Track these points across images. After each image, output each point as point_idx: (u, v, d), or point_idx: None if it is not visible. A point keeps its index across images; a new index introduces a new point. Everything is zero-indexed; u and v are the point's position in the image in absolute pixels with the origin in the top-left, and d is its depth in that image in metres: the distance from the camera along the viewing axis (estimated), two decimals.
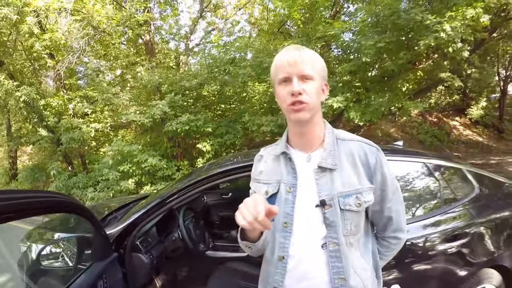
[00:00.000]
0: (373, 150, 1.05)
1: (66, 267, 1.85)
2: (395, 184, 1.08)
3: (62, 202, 1.19)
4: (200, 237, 2.55)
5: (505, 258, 2.03)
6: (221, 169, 2.03)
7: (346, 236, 1.01)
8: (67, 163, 7.91)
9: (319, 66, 1.02)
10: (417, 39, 4.63)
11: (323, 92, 1.06)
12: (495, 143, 12.07)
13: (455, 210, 1.98)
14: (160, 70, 7.10)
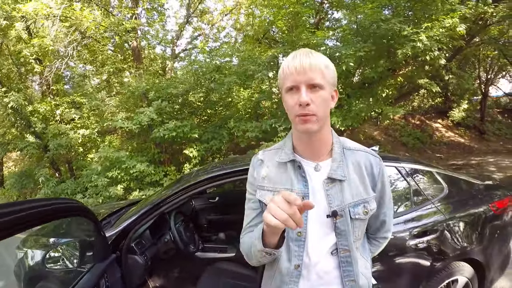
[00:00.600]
0: (377, 160, 1.10)
1: (70, 269, 1.95)
2: (390, 191, 1.15)
3: (74, 207, 1.29)
4: (190, 238, 2.71)
5: (476, 253, 2.19)
6: (208, 175, 2.16)
7: (355, 242, 1.07)
8: (55, 169, 7.87)
9: (329, 73, 0.97)
10: (396, 48, 4.86)
11: (332, 99, 1.02)
12: (476, 144, 12.35)
13: (425, 209, 2.14)
14: (147, 77, 7.18)
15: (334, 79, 1.00)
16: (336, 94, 1.04)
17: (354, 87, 6.39)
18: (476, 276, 2.30)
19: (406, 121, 13.34)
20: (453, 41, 5.04)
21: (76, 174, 7.79)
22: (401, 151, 11.10)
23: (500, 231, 2.34)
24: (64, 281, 1.87)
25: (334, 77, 1.00)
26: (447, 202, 2.22)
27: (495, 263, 2.36)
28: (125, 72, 8.74)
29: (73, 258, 1.96)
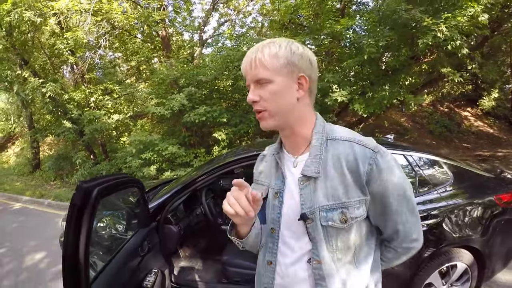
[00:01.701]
0: (366, 153, 0.85)
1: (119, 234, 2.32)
2: (403, 191, 0.88)
3: (133, 179, 1.68)
4: (218, 213, 3.06)
5: (476, 241, 2.30)
6: (234, 157, 2.45)
7: (333, 252, 0.89)
8: (90, 152, 8.42)
9: (280, 62, 0.85)
10: (418, 37, 4.87)
11: (300, 87, 0.88)
12: (505, 135, 11.88)
13: (428, 195, 2.27)
14: (177, 64, 7.50)
15: (292, 66, 0.86)
16: (304, 81, 0.88)
17: (377, 74, 6.44)
18: (476, 264, 2.40)
19: (434, 108, 12.95)
20: (477, 30, 4.96)
21: (110, 156, 8.32)
22: (427, 139, 10.88)
23: (504, 224, 2.41)
24: (116, 241, 2.22)
25: (293, 64, 0.86)
26: (451, 191, 2.34)
27: (496, 254, 2.44)
28: (154, 60, 9.15)
29: (121, 225, 2.33)
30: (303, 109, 0.92)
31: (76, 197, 1.05)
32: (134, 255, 1.83)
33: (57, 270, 3.53)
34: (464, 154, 9.45)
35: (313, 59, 0.90)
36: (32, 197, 7.01)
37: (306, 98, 0.91)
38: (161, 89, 7.42)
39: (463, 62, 5.85)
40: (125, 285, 1.67)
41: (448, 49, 4.78)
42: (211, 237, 3.26)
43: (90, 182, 1.12)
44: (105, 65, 9.21)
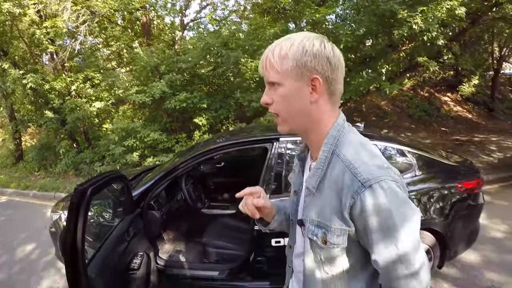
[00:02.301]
0: (353, 185, 0.75)
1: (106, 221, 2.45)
2: (394, 240, 0.74)
3: (120, 175, 1.89)
4: (198, 198, 3.26)
5: (437, 224, 2.50)
6: (215, 145, 2.59)
7: (319, 263, 0.87)
8: (72, 140, 8.37)
9: (289, 64, 0.78)
10: (394, 27, 5.01)
11: (314, 89, 0.80)
12: (483, 121, 12.03)
13: None
14: (158, 52, 7.44)
15: (301, 69, 0.78)
16: (318, 83, 0.79)
17: (355, 61, 6.60)
18: (438, 246, 2.61)
19: (415, 93, 13.07)
20: (455, 21, 5.11)
21: (92, 144, 8.28)
22: (407, 123, 11.06)
23: (466, 209, 2.61)
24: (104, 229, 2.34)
25: (301, 66, 0.78)
26: (414, 178, 2.51)
27: (458, 237, 2.66)
28: (135, 45, 9.03)
29: (108, 213, 2.45)
30: (318, 113, 0.84)
31: (74, 197, 1.31)
32: (121, 240, 1.98)
33: (48, 260, 3.66)
34: (442, 138, 9.65)
35: (332, 57, 0.79)
36: (17, 189, 6.98)
37: (322, 101, 0.82)
38: (142, 76, 7.39)
39: (441, 51, 6.03)
40: (115, 267, 1.83)
41: (423, 39, 4.93)
42: (192, 220, 3.45)
43: (84, 184, 1.37)
44: (85, 52, 9.03)
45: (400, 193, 0.74)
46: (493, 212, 4.38)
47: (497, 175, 6.03)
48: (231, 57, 6.16)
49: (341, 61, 0.82)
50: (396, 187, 0.74)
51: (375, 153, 0.83)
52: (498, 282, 2.91)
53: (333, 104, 0.86)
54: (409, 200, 0.76)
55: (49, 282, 3.24)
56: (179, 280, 2.64)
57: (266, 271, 2.46)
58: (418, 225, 0.76)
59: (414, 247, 0.75)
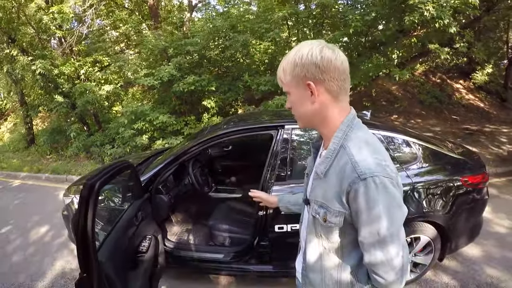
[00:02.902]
0: (352, 176, 0.87)
1: (117, 206, 2.54)
2: (376, 230, 0.87)
3: (128, 165, 1.98)
4: (205, 182, 3.34)
5: (439, 217, 2.49)
6: (223, 131, 2.61)
7: (319, 239, 1.03)
8: (83, 123, 8.51)
9: (289, 76, 0.95)
10: (406, 12, 4.88)
11: (312, 94, 0.94)
12: (495, 111, 11.67)
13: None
14: (166, 34, 7.41)
15: (297, 77, 0.94)
16: (313, 88, 0.93)
17: (365, 46, 6.49)
18: (439, 238, 2.61)
19: (426, 78, 12.76)
20: (468, 9, 4.95)
21: (103, 126, 8.40)
22: (417, 109, 10.86)
23: (469, 204, 2.59)
24: (114, 213, 2.43)
25: (296, 75, 0.94)
26: (418, 169, 2.50)
27: (460, 231, 2.65)
28: (143, 26, 8.98)
29: (118, 198, 2.53)
30: (323, 111, 0.97)
31: (84, 191, 1.41)
32: (130, 224, 2.06)
33: (61, 241, 3.80)
34: (452, 126, 9.49)
35: (320, 61, 0.89)
36: (30, 173, 7.14)
37: (323, 99, 0.94)
38: (150, 59, 7.39)
39: (454, 38, 5.87)
40: (125, 251, 1.91)
41: (434, 26, 4.80)
42: (199, 204, 3.53)
43: (93, 178, 1.47)
44: (93, 35, 9.03)
45: (391, 189, 0.86)
46: (499, 207, 4.34)
47: (506, 168, 5.91)
48: (239, 40, 6.09)
49: (333, 60, 0.90)
50: (388, 183, 0.85)
51: (377, 150, 0.92)
52: (497, 278, 2.92)
53: (337, 100, 0.96)
54: (398, 197, 0.88)
55: (62, 262, 3.36)
56: (186, 261, 2.72)
57: (269, 256, 2.52)
58: (400, 221, 0.89)
59: (393, 238, 0.87)
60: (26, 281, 3.07)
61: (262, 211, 2.38)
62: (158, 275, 2.30)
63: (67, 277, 3.11)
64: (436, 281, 2.90)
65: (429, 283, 2.87)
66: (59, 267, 3.28)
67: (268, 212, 2.36)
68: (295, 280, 1.32)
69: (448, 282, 2.89)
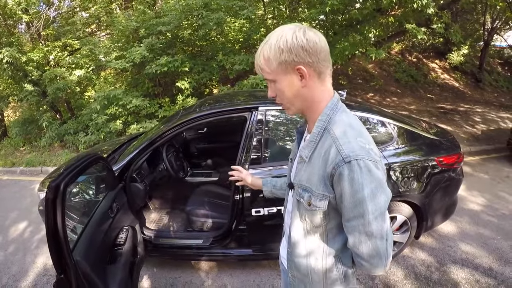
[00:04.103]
0: (336, 159, 0.86)
1: (90, 199, 2.45)
2: (361, 211, 0.86)
3: (99, 157, 1.93)
4: (180, 167, 3.27)
5: (415, 197, 2.54)
6: (198, 114, 2.54)
7: (303, 222, 1.03)
8: (55, 111, 8.15)
9: (274, 65, 0.91)
10: None
11: (302, 77, 0.92)
12: (470, 91, 12.08)
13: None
14: (137, 14, 7.08)
15: (284, 63, 0.90)
16: (304, 72, 0.90)
17: (341, 25, 6.44)
18: (415, 217, 2.67)
19: (403, 57, 13.02)
20: None
21: (76, 113, 8.10)
22: (393, 87, 11.10)
23: (444, 183, 2.64)
24: (87, 207, 2.34)
25: (283, 61, 0.90)
26: (393, 150, 2.51)
27: (436, 210, 2.71)
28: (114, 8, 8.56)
29: (91, 190, 2.45)
30: (311, 93, 0.95)
31: (48, 193, 1.35)
32: (105, 217, 2.00)
33: (40, 237, 3.68)
34: (427, 105, 9.73)
35: (306, 44, 0.87)
36: (4, 167, 6.82)
37: (312, 82, 0.93)
38: (121, 41, 7.08)
39: (431, 19, 5.89)
40: (101, 245, 1.86)
41: (412, 6, 4.78)
42: (176, 189, 3.49)
43: (57, 179, 1.41)
44: (62, 18, 8.54)
45: (375, 172, 0.85)
46: (473, 185, 4.52)
47: (479, 147, 6.12)
48: (213, 18, 5.91)
49: (317, 41, 0.89)
50: (373, 166, 0.85)
51: (361, 133, 0.92)
52: (472, 254, 3.04)
53: (323, 82, 0.96)
54: (382, 181, 0.87)
55: (43, 259, 3.27)
56: (165, 249, 2.70)
57: (248, 239, 2.52)
58: (385, 204, 0.87)
59: (377, 221, 0.86)
60: (9, 282, 2.97)
61: (238, 195, 2.36)
62: (138, 266, 2.26)
63: (49, 274, 3.03)
64: (413, 258, 3.00)
65: (406, 260, 2.96)
66: (40, 264, 3.19)
67: (244, 195, 2.34)
68: (279, 264, 1.34)
69: (425, 258, 2.99)
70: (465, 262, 2.93)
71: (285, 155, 2.43)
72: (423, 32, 5.55)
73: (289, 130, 2.55)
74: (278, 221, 2.27)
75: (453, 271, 2.82)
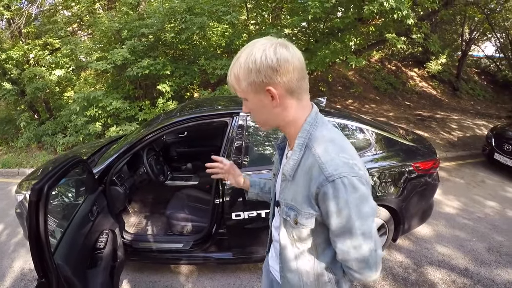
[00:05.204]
0: (320, 178, 0.84)
1: (70, 202, 2.42)
2: (347, 229, 0.86)
3: (80, 160, 1.92)
4: (160, 170, 3.27)
5: (392, 201, 2.62)
6: (178, 118, 2.55)
7: (292, 240, 1.02)
8: (33, 111, 7.92)
9: (244, 83, 0.87)
10: (365, 1, 4.95)
11: (272, 99, 0.88)
12: (447, 99, 12.42)
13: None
14: (120, 15, 7.00)
15: (253, 84, 0.87)
16: (274, 93, 0.87)
17: (323, 33, 6.56)
18: (392, 220, 2.75)
19: (382, 65, 13.33)
20: (427, 2, 5.12)
21: (54, 114, 7.88)
22: (372, 94, 11.32)
23: (421, 188, 2.73)
24: (67, 210, 2.31)
25: (253, 82, 0.86)
26: (371, 156, 2.59)
27: (412, 213, 2.81)
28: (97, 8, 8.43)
29: (71, 193, 2.42)
30: (286, 112, 0.92)
31: (32, 196, 1.35)
32: (86, 221, 1.98)
33: (17, 241, 3.56)
34: (405, 112, 9.95)
35: (275, 63, 0.83)
36: None
37: (285, 101, 0.90)
38: (103, 42, 6.97)
39: (411, 29, 6.10)
40: (82, 249, 1.85)
41: (393, 17, 4.93)
42: (156, 193, 3.48)
43: (40, 182, 1.40)
44: (44, 15, 8.32)
45: (360, 189, 0.83)
46: (449, 189, 4.69)
47: (455, 153, 6.35)
48: (196, 23, 5.91)
49: (289, 59, 0.84)
50: (357, 182, 0.83)
51: (343, 148, 0.89)
52: (448, 256, 3.15)
53: (299, 100, 0.92)
54: (368, 196, 0.86)
55: (21, 263, 3.17)
56: (145, 253, 2.68)
57: (228, 243, 2.54)
58: (371, 217, 0.88)
59: (365, 236, 0.86)
60: None
61: (218, 199, 2.38)
62: (118, 269, 2.25)
63: (27, 278, 2.94)
64: (391, 260, 3.08)
65: (384, 262, 3.03)
66: (17, 268, 3.09)
67: (224, 199, 2.36)
68: (260, 268, 1.39)
69: (402, 260, 3.08)
70: (441, 263, 3.04)
71: (265, 160, 2.49)
72: (403, 42, 5.72)
73: (269, 136, 2.59)
74: (258, 225, 2.32)
75: (430, 272, 2.92)
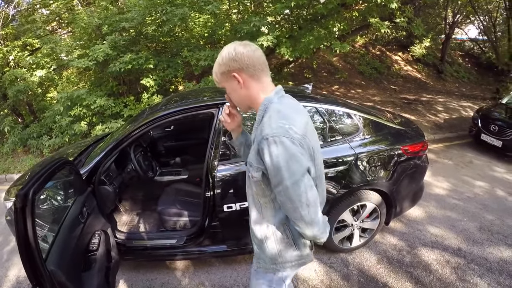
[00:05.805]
0: (260, 137, 1.07)
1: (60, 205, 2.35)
2: (280, 180, 1.06)
3: (66, 161, 1.91)
4: (148, 166, 3.23)
5: (383, 185, 2.64)
6: (165, 112, 2.50)
7: (253, 194, 1.27)
8: (17, 115, 7.73)
9: (219, 74, 1.19)
10: None
11: (239, 84, 1.17)
12: (432, 82, 12.54)
13: (337, 144, 2.50)
14: (100, 9, 6.82)
15: (223, 74, 1.18)
16: (237, 77, 1.15)
17: (306, 19, 6.50)
18: (384, 204, 2.78)
19: (367, 50, 13.37)
20: None
21: (38, 116, 7.70)
22: (357, 80, 11.36)
23: (410, 171, 2.75)
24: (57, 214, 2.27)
25: (222, 72, 1.18)
26: (360, 140, 2.60)
27: (403, 196, 2.84)
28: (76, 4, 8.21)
29: (59, 196, 2.35)
30: (250, 92, 1.20)
31: (18, 202, 1.33)
32: (76, 223, 1.94)
33: (10, 249, 3.47)
34: (391, 96, 10.01)
35: (234, 56, 1.13)
36: None
37: (248, 84, 1.18)
38: (83, 38, 6.79)
39: (394, 13, 6.10)
40: (74, 253, 1.81)
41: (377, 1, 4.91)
42: (146, 189, 3.43)
43: (25, 187, 1.38)
44: (21, 15, 8.05)
45: (288, 146, 1.03)
46: (438, 171, 4.76)
47: (442, 135, 6.45)
48: (177, 14, 5.79)
49: (245, 52, 1.13)
50: (287, 141, 1.03)
51: (285, 116, 1.09)
52: (441, 236, 3.21)
53: (260, 81, 1.19)
54: (297, 153, 1.05)
55: (15, 271, 3.10)
56: (139, 251, 2.65)
57: (222, 236, 2.53)
58: (299, 174, 1.05)
59: (293, 187, 1.06)
60: None
61: (209, 192, 2.37)
62: (114, 270, 2.23)
63: (22, 287, 2.89)
64: (385, 243, 3.12)
65: (378, 246, 3.08)
66: (13, 277, 3.02)
67: (215, 192, 2.34)
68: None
69: (396, 243, 3.12)
70: (435, 244, 3.09)
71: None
72: (386, 26, 5.72)
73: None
74: None
75: (424, 253, 2.97)
